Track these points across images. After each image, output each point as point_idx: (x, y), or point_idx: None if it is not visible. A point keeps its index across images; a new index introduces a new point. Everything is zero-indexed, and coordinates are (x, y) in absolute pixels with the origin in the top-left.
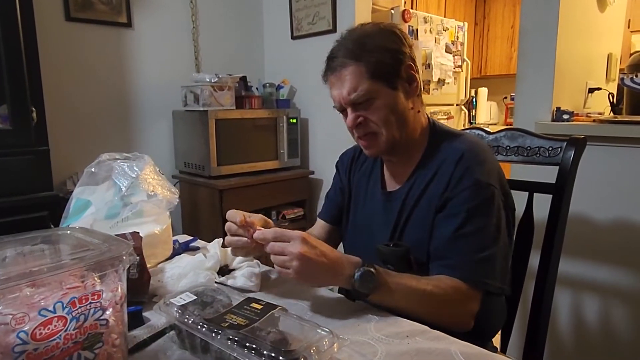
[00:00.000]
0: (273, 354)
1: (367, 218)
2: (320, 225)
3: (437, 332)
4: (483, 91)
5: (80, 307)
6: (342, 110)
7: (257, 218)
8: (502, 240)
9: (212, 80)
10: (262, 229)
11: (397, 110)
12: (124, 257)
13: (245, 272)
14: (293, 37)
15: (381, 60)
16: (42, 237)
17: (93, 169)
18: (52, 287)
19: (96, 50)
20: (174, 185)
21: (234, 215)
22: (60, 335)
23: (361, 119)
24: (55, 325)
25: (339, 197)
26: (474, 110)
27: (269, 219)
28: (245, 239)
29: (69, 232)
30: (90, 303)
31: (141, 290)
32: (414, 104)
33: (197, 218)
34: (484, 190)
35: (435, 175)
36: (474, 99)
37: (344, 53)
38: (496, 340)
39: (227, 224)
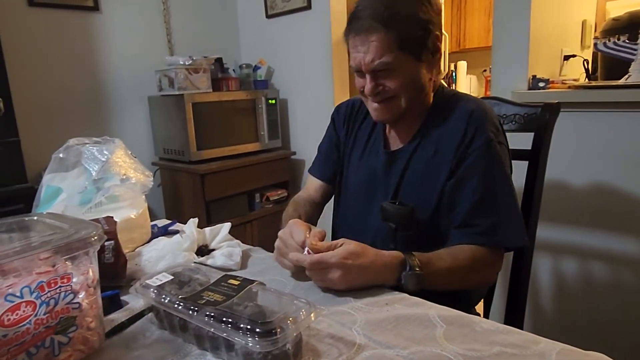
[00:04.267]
0: (250, 327)
1: (366, 177)
2: (314, 186)
3: (416, 298)
4: (462, 65)
5: (49, 291)
6: (359, 71)
7: (317, 236)
8: (515, 194)
9: (187, 63)
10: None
11: (418, 81)
12: (93, 239)
13: (225, 251)
14: (268, 16)
15: (411, 32)
16: (8, 224)
17: (61, 155)
18: (20, 273)
19: (63, 36)
20: (154, 173)
21: (298, 234)
22: (30, 320)
23: (381, 87)
24: (24, 311)
25: (333, 153)
26: (453, 85)
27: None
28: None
29: (36, 218)
30: (60, 287)
31: (118, 275)
32: (432, 74)
33: (180, 204)
34: (494, 148)
35: (444, 134)
36: (454, 73)
37: (373, 14)
38: (479, 308)
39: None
